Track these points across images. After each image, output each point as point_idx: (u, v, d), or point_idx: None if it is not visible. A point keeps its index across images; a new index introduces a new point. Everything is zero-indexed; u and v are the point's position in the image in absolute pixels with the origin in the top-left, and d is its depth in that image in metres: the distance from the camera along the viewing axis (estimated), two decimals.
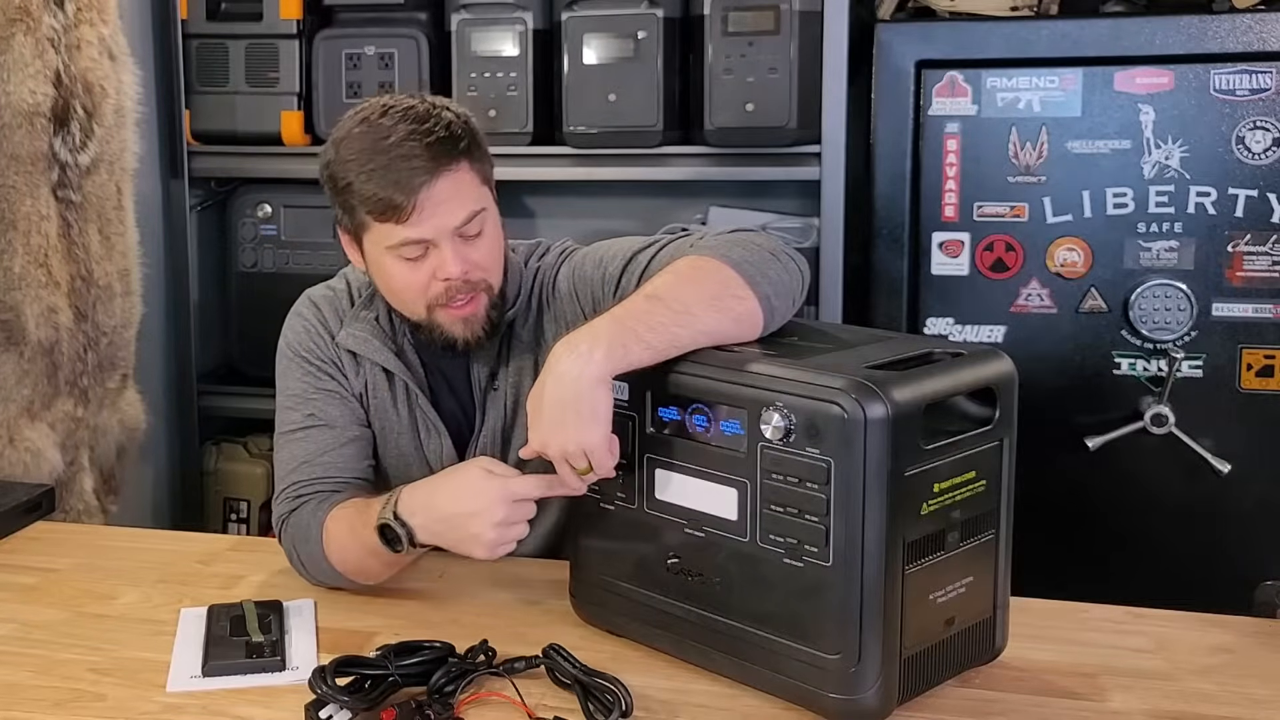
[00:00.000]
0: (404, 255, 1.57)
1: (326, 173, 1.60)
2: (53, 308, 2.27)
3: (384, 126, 1.54)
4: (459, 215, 1.55)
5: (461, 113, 1.61)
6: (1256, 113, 2.35)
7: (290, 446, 1.69)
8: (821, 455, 1.23)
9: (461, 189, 1.56)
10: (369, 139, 1.55)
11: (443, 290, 1.58)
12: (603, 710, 1.29)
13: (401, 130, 1.54)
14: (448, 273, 1.56)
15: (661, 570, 1.41)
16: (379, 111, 1.57)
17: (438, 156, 1.53)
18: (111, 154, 2.35)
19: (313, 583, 1.63)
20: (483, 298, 1.61)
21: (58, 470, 2.31)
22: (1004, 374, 1.35)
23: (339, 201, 1.60)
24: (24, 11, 2.19)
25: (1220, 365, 2.41)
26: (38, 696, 1.39)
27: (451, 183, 1.54)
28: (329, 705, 1.30)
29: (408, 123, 1.54)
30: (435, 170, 1.53)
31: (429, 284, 1.58)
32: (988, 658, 1.40)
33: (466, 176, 1.57)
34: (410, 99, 1.60)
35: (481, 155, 1.61)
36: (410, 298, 1.61)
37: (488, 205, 1.61)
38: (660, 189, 2.94)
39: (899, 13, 2.61)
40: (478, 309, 1.61)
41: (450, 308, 1.59)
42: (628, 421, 1.41)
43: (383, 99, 1.61)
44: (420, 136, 1.53)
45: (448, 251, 1.56)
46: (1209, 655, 1.46)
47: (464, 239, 1.57)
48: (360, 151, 1.55)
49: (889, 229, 2.51)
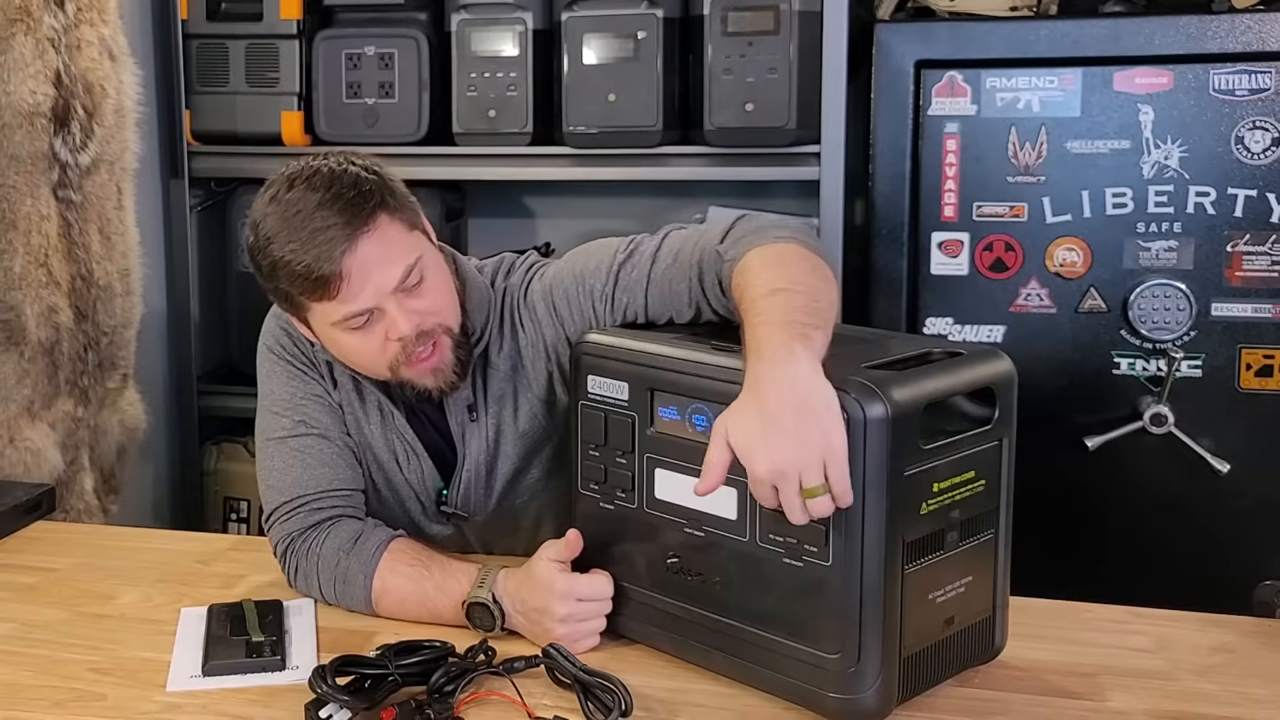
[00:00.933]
0: (350, 327, 1.50)
1: (251, 261, 1.53)
2: (53, 307, 2.27)
3: (293, 200, 1.48)
4: (393, 274, 1.48)
5: (368, 164, 1.53)
6: (1256, 113, 2.36)
7: (282, 455, 1.64)
8: None
9: (388, 245, 1.49)
10: (280, 217, 1.48)
11: (399, 349, 1.52)
12: (602, 710, 1.29)
13: (311, 200, 1.47)
14: (399, 333, 1.50)
15: (661, 570, 1.41)
16: (285, 185, 1.50)
17: (352, 220, 1.46)
18: (111, 154, 2.36)
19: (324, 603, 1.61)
20: (445, 341, 1.55)
21: (58, 470, 2.31)
22: (1003, 374, 1.35)
23: (269, 288, 1.54)
24: (24, 11, 2.19)
25: (1219, 365, 2.41)
26: (38, 696, 1.39)
27: (375, 242, 1.47)
28: (329, 705, 1.30)
29: (314, 191, 1.47)
30: (353, 235, 1.46)
31: (384, 347, 1.52)
32: (987, 657, 1.40)
33: (390, 230, 1.49)
34: (316, 160, 1.52)
35: (399, 202, 1.53)
36: (369, 364, 1.57)
37: (422, 250, 1.53)
38: (660, 189, 2.95)
39: (899, 13, 2.61)
40: (443, 355, 1.55)
41: (413, 363, 1.53)
42: (628, 421, 1.41)
43: (290, 169, 1.53)
44: (330, 202, 1.46)
45: (393, 312, 1.49)
46: (1209, 655, 1.46)
47: (406, 293, 1.50)
48: (275, 232, 1.48)
49: (889, 229, 2.51)
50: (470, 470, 1.67)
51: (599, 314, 1.58)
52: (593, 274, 1.59)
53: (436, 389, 1.58)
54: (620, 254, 1.59)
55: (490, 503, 1.69)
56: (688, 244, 1.55)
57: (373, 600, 1.56)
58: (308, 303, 1.51)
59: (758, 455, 1.21)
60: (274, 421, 1.67)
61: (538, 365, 1.64)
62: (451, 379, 1.58)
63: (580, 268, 1.61)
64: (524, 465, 1.68)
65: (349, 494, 1.64)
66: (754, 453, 1.21)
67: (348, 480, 1.65)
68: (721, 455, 1.24)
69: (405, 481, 1.68)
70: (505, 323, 1.65)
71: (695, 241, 1.54)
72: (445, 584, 1.52)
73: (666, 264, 1.55)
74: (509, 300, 1.66)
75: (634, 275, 1.57)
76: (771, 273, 1.39)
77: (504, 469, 1.67)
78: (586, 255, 1.63)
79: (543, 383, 1.64)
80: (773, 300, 1.33)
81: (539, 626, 1.45)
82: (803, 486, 1.20)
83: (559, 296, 1.61)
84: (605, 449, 1.45)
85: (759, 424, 1.21)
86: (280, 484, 1.64)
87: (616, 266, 1.58)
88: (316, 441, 1.64)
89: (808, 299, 1.33)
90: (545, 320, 1.63)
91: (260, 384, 1.70)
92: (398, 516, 1.69)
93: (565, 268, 1.64)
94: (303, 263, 1.46)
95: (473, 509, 1.69)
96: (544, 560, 1.47)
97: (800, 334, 1.26)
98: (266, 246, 1.49)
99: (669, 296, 1.54)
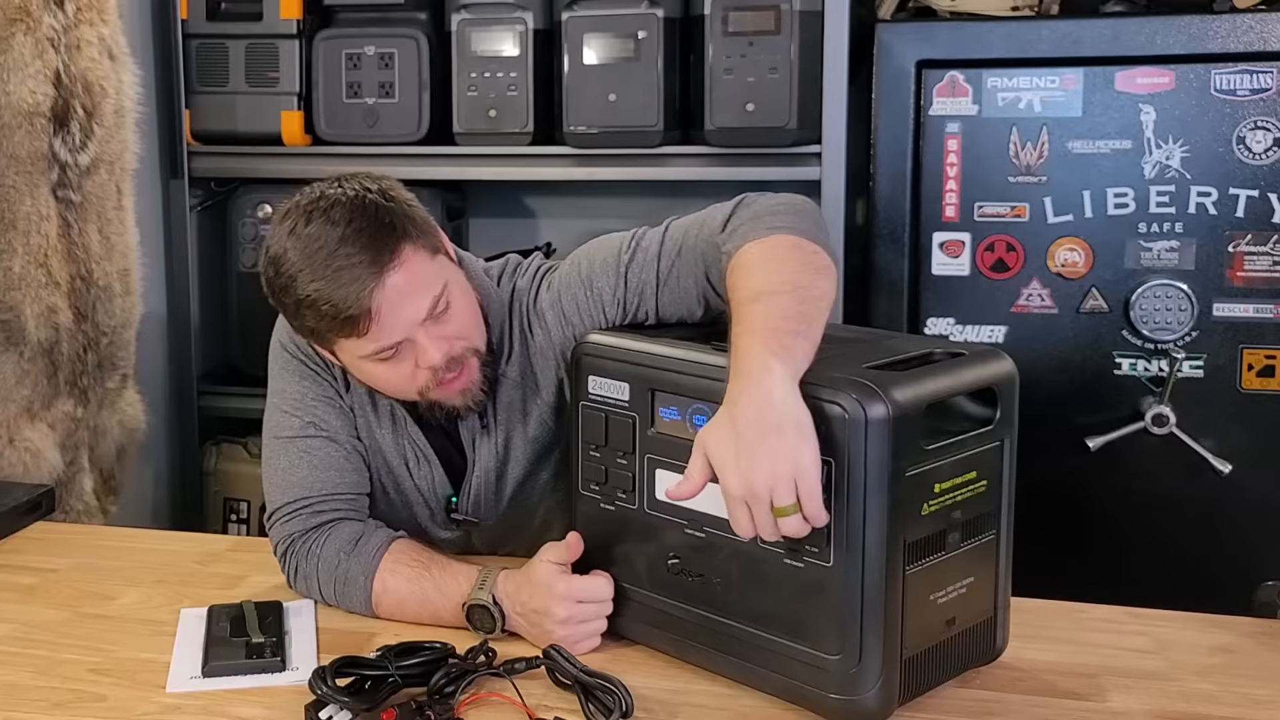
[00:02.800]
0: (380, 359, 1.50)
1: (272, 297, 1.52)
2: (52, 308, 2.27)
3: (313, 235, 1.45)
4: (422, 307, 1.48)
5: (384, 188, 1.51)
6: (1257, 113, 2.35)
7: (288, 455, 1.64)
8: (822, 455, 1.22)
9: (414, 277, 1.47)
10: (302, 253, 1.46)
11: (430, 375, 1.52)
12: (603, 711, 1.29)
13: (332, 236, 1.44)
14: (430, 362, 1.50)
15: (662, 570, 1.41)
16: (304, 218, 1.47)
17: (378, 255, 1.45)
18: (111, 154, 2.35)
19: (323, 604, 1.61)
20: (473, 362, 1.55)
21: (58, 470, 2.30)
22: (1005, 374, 1.35)
23: (295, 325, 1.54)
24: (24, 11, 2.19)
25: (1221, 365, 2.41)
26: (38, 697, 1.39)
27: (402, 276, 1.46)
28: (329, 706, 1.30)
29: (334, 225, 1.45)
30: (380, 271, 1.44)
31: (414, 374, 1.52)
32: (988, 658, 1.40)
33: (414, 261, 1.48)
34: (331, 189, 1.50)
35: (420, 228, 1.51)
36: (399, 390, 1.57)
37: (446, 275, 1.52)
38: (660, 189, 2.94)
39: (899, 13, 2.61)
40: (471, 376, 1.55)
41: (443, 386, 1.53)
42: (628, 421, 1.41)
43: (305, 197, 1.50)
44: (353, 238, 1.44)
45: (423, 342, 1.49)
46: (1209, 655, 1.46)
47: (434, 321, 1.49)
48: (298, 270, 1.45)
49: (890, 229, 2.50)
50: (480, 477, 1.66)
51: (610, 317, 1.57)
52: (600, 277, 1.58)
53: (464, 407, 1.58)
54: (625, 254, 1.58)
55: (499, 507, 1.68)
56: (689, 236, 1.54)
57: (372, 601, 1.55)
58: (336, 339, 1.50)
59: (729, 474, 1.23)
60: (283, 420, 1.66)
61: (547, 372, 1.63)
62: (479, 396, 1.58)
63: (587, 271, 1.60)
64: (533, 470, 1.67)
65: (353, 498, 1.64)
66: (726, 471, 1.23)
67: (353, 484, 1.64)
68: (700, 468, 1.26)
69: (415, 487, 1.68)
70: (515, 329, 1.64)
71: (697, 233, 1.53)
72: (445, 585, 1.52)
73: (672, 260, 1.54)
74: (517, 305, 1.65)
75: (643, 276, 1.55)
76: (760, 273, 1.38)
77: (514, 474, 1.67)
78: (591, 257, 1.62)
79: (552, 388, 1.64)
80: (757, 307, 1.32)
81: (539, 628, 1.45)
82: (774, 505, 1.21)
83: (568, 302, 1.60)
84: (606, 449, 1.44)
85: (732, 443, 1.22)
86: (284, 484, 1.64)
87: (624, 268, 1.57)
88: (324, 444, 1.64)
89: (794, 300, 1.32)
90: (555, 327, 1.62)
91: (271, 380, 1.70)
92: (405, 520, 1.69)
93: (572, 272, 1.62)
94: (330, 303, 1.45)
95: (483, 515, 1.68)
96: (543, 562, 1.47)
97: (780, 346, 1.26)
98: (290, 285, 1.47)
99: (679, 295, 1.54)
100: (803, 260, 1.39)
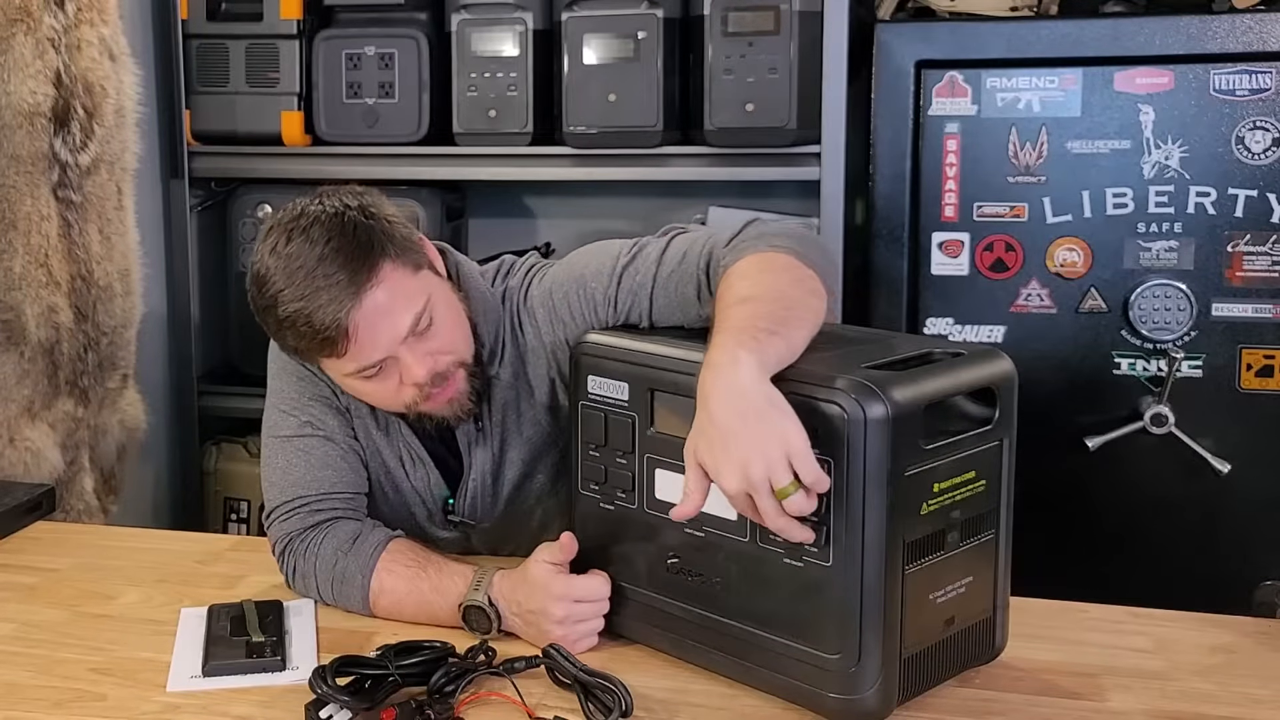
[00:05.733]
0: (364, 376, 1.50)
1: (257, 315, 1.51)
2: (53, 308, 2.27)
3: (293, 254, 1.44)
4: (403, 324, 1.47)
5: (364, 204, 1.50)
6: (1256, 113, 2.35)
7: (286, 454, 1.64)
8: (821, 455, 1.22)
9: (394, 295, 1.46)
10: (283, 272, 1.45)
11: (416, 391, 1.52)
12: (602, 710, 1.29)
13: (311, 255, 1.44)
14: (414, 379, 1.50)
15: (662, 570, 1.41)
16: (284, 236, 1.47)
17: (355, 273, 1.44)
18: (112, 154, 2.35)
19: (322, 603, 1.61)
20: (459, 374, 1.55)
21: (58, 470, 2.31)
22: (1004, 374, 1.35)
23: (279, 345, 1.54)
24: (24, 11, 2.19)
25: (1220, 365, 2.41)
26: (38, 696, 1.39)
27: (382, 293, 1.45)
28: (329, 705, 1.30)
29: (314, 244, 1.44)
30: (358, 290, 1.44)
31: (399, 390, 1.52)
32: (988, 658, 1.40)
33: (394, 279, 1.47)
34: (312, 205, 1.49)
35: (401, 244, 1.50)
36: (386, 405, 1.58)
37: (429, 290, 1.51)
38: (660, 189, 2.94)
39: (899, 13, 2.61)
40: (458, 387, 1.55)
41: (430, 400, 1.53)
42: (628, 421, 1.41)
43: (286, 214, 1.50)
44: (332, 256, 1.44)
45: (407, 359, 1.48)
46: (1209, 655, 1.46)
47: (418, 337, 1.49)
48: (279, 289, 1.45)
49: (889, 229, 2.51)
50: (476, 480, 1.67)
51: (601, 317, 1.56)
52: (594, 277, 1.57)
53: (454, 417, 1.59)
54: (624, 256, 1.57)
55: (497, 509, 1.69)
56: (695, 246, 1.53)
57: (370, 601, 1.55)
58: (317, 358, 1.51)
59: (724, 475, 1.22)
60: (281, 419, 1.67)
61: (539, 371, 1.63)
62: (468, 406, 1.58)
63: (581, 270, 1.60)
64: (529, 471, 1.67)
65: (350, 497, 1.64)
66: (720, 473, 1.22)
67: (350, 484, 1.65)
68: (696, 481, 1.26)
69: (412, 488, 1.69)
70: (507, 330, 1.64)
71: (703, 245, 1.52)
72: (442, 585, 1.52)
73: (673, 267, 1.53)
74: (511, 304, 1.65)
75: (638, 279, 1.55)
76: (749, 281, 1.38)
77: (510, 476, 1.67)
78: (587, 258, 1.61)
79: (545, 388, 1.64)
80: (738, 309, 1.32)
81: (536, 629, 1.45)
82: (774, 489, 1.20)
83: (559, 299, 1.60)
84: (605, 449, 1.44)
85: (716, 439, 1.22)
86: (282, 483, 1.64)
87: (620, 269, 1.56)
88: (321, 443, 1.64)
89: (776, 306, 1.32)
90: (545, 325, 1.61)
91: (270, 379, 1.70)
92: (405, 520, 1.69)
93: (565, 270, 1.62)
94: (308, 323, 1.45)
95: (480, 516, 1.69)
96: (539, 562, 1.47)
97: (751, 340, 1.25)
98: (272, 305, 1.47)
99: (676, 299, 1.52)
100: (794, 278, 1.39)
